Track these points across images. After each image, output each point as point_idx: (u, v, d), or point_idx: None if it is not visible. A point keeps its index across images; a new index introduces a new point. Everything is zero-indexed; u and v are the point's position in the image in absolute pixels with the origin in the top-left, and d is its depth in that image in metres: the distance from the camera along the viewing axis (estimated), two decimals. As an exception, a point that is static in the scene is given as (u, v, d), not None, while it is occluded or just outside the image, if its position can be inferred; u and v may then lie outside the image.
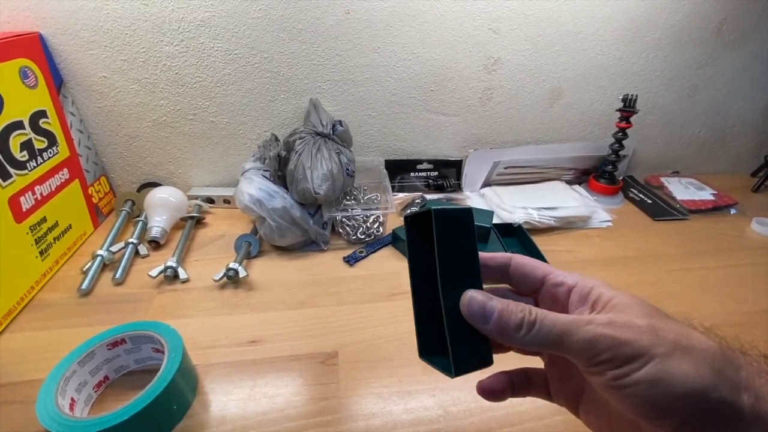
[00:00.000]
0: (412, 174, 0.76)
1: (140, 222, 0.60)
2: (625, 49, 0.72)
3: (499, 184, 0.77)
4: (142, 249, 0.57)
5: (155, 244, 0.59)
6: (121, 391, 0.39)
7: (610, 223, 0.69)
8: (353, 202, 0.66)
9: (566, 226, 0.67)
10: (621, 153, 0.74)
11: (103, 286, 0.52)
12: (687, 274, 0.58)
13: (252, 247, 0.57)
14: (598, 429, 0.24)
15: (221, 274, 0.51)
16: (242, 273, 0.52)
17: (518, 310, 0.21)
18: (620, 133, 0.72)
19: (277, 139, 0.65)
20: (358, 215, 0.62)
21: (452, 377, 0.21)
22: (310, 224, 0.57)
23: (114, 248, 0.56)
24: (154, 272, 0.51)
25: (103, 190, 0.67)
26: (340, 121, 0.63)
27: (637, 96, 0.68)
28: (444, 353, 0.22)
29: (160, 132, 0.66)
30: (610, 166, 0.75)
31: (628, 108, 0.69)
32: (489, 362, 0.22)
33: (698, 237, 0.67)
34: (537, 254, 0.56)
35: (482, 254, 0.24)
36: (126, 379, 0.40)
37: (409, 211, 0.62)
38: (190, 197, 0.68)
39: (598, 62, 0.73)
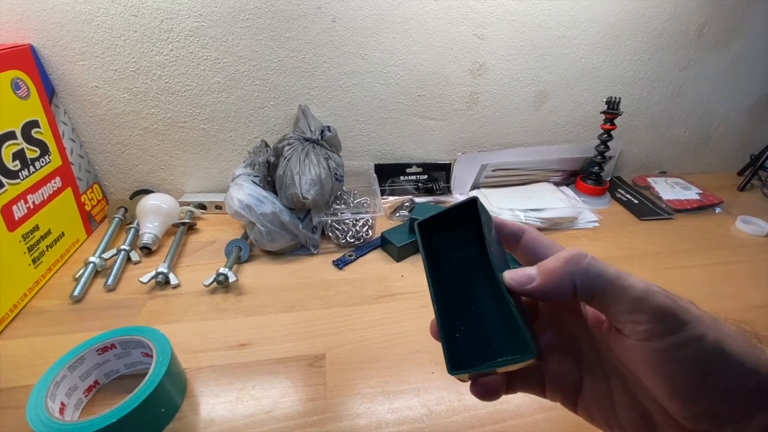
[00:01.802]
0: (401, 178, 0.77)
1: (132, 229, 0.61)
2: (608, 52, 0.74)
3: (488, 186, 0.78)
4: (134, 255, 0.58)
5: (147, 251, 0.59)
6: (111, 396, 0.39)
7: (597, 224, 0.70)
8: (343, 206, 0.67)
9: (553, 227, 0.68)
10: (607, 154, 0.75)
11: (96, 293, 0.53)
12: (672, 273, 0.59)
13: (242, 252, 0.58)
14: (601, 421, 0.23)
15: (211, 279, 0.52)
16: (232, 278, 0.52)
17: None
18: (605, 135, 0.73)
19: (266, 146, 0.66)
20: (348, 219, 0.63)
21: (533, 358, 0.19)
22: (300, 229, 0.58)
23: (106, 255, 0.56)
24: (145, 278, 0.52)
25: (96, 198, 0.68)
26: (328, 127, 0.64)
27: (620, 98, 0.69)
28: (477, 362, 0.21)
29: (151, 140, 0.67)
30: (597, 167, 0.76)
31: (612, 110, 0.70)
32: (543, 356, 0.21)
33: (684, 236, 0.68)
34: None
35: (497, 218, 0.25)
36: (116, 384, 0.41)
37: (411, 216, 0.62)
38: (182, 203, 0.68)
39: (582, 66, 0.74)
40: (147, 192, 0.69)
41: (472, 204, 0.24)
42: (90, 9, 0.56)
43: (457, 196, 0.78)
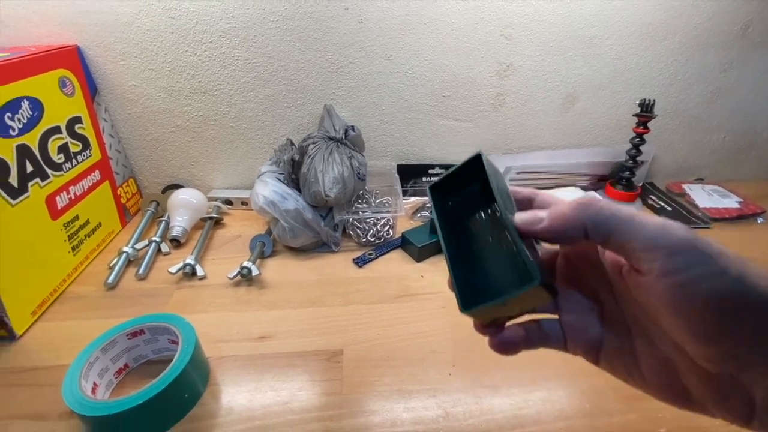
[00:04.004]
0: (424, 179, 0.77)
1: (163, 221, 0.64)
2: (643, 53, 0.71)
3: (512, 189, 0.77)
4: (164, 247, 0.60)
5: (176, 243, 0.62)
6: (139, 379, 0.41)
7: (626, 230, 0.68)
8: (364, 205, 0.67)
9: (579, 232, 0.66)
10: (639, 159, 0.72)
11: (128, 281, 0.55)
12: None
13: (266, 247, 0.59)
14: (623, 373, 0.23)
15: (235, 272, 0.54)
16: (255, 271, 0.54)
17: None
18: (638, 139, 0.70)
19: (292, 144, 0.68)
20: (369, 218, 0.63)
21: (537, 283, 0.19)
22: (322, 226, 0.59)
23: (139, 246, 0.59)
24: (174, 269, 0.54)
25: (131, 191, 0.71)
26: (352, 126, 0.64)
27: (654, 101, 0.67)
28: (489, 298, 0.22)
29: (183, 137, 0.70)
30: (628, 173, 0.73)
31: (645, 113, 0.68)
32: (555, 292, 0.21)
33: (720, 246, 0.65)
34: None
35: (511, 188, 0.25)
36: (144, 368, 0.43)
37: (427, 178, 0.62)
38: (210, 199, 0.71)
39: (614, 67, 0.72)
40: (178, 187, 0.72)
41: (478, 159, 0.24)
42: (131, 11, 0.59)
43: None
